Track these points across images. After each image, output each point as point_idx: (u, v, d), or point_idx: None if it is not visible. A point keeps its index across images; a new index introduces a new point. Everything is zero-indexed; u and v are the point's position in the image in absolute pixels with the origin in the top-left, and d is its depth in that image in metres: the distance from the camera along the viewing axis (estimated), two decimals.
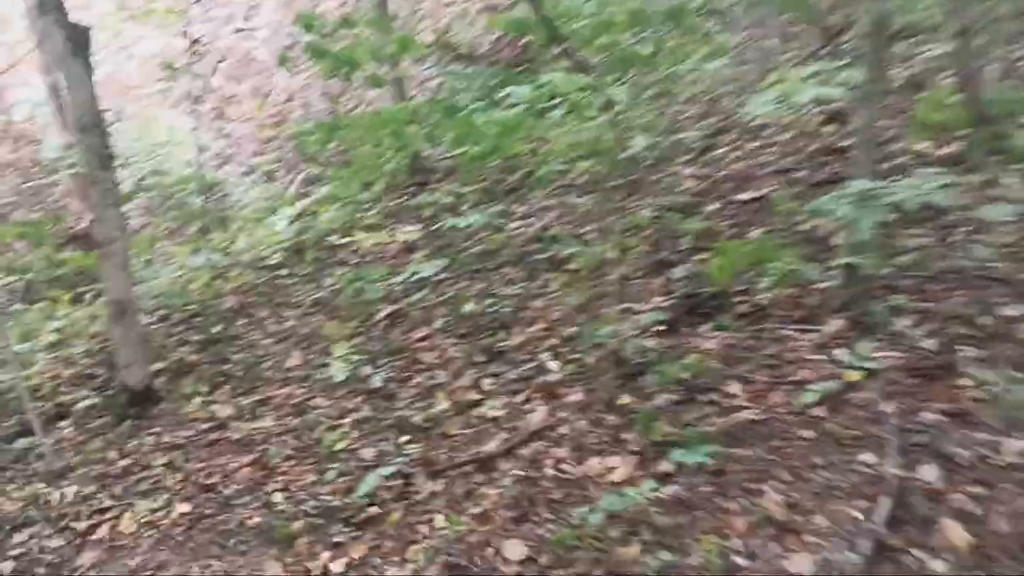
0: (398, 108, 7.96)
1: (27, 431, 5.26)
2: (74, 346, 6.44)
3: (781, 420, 3.35)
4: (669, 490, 3.08)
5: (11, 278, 6.94)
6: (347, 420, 4.43)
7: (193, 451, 4.66)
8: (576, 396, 3.88)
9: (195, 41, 7.21)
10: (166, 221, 8.17)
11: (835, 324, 3.83)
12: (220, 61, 11.47)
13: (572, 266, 5.17)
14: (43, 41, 4.87)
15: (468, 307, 5.14)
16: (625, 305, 4.47)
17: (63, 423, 5.39)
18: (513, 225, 6.16)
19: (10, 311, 7.29)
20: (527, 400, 4.00)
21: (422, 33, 9.13)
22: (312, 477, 4.03)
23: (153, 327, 6.17)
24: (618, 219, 5.25)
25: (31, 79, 10.09)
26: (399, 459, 3.81)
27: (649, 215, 5.40)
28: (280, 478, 4.12)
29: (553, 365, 4.20)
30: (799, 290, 4.19)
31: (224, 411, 4.98)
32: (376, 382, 4.65)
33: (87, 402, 5.42)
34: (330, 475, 3.95)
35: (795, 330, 3.91)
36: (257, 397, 5.03)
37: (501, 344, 4.61)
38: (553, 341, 4.45)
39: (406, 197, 7.29)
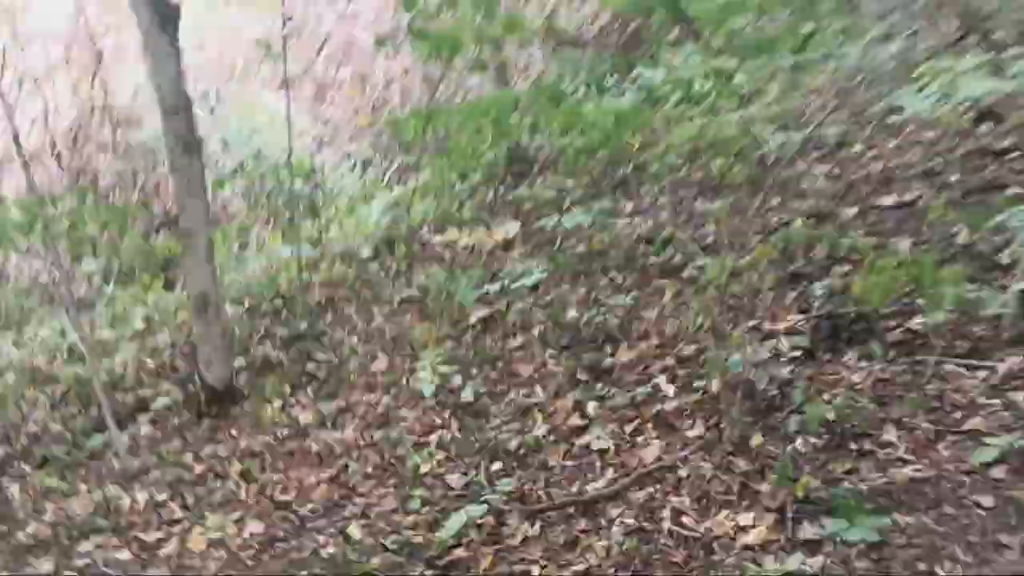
0: (500, 94, 7.53)
1: (106, 425, 5.05)
2: (160, 335, 6.23)
3: (952, 481, 2.77)
4: (816, 562, 2.54)
5: (97, 262, 6.78)
6: (434, 437, 4.02)
7: (270, 460, 4.33)
8: (697, 430, 3.37)
9: (288, 20, 6.89)
10: (260, 207, 7.94)
11: (1011, 361, 3.21)
12: (322, 44, 11.25)
13: (689, 273, 4.63)
14: (136, 18, 4.56)
15: (570, 314, 4.66)
16: (754, 322, 3.94)
17: (143, 417, 5.15)
18: (620, 223, 5.62)
19: (103, 294, 7.17)
20: (639, 431, 3.50)
21: (528, 15, 8.65)
22: (394, 503, 3.63)
23: (239, 319, 5.89)
24: (747, 222, 4.69)
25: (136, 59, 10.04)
26: (491, 493, 3.36)
27: (778, 219, 4.81)
28: (359, 500, 3.75)
29: (669, 390, 3.68)
30: (964, 316, 3.56)
31: (305, 416, 4.64)
32: (467, 395, 4.22)
33: (167, 398, 5.16)
34: (413, 503, 3.54)
35: (961, 366, 3.30)
36: (340, 403, 4.67)
37: (607, 360, 4.11)
38: (668, 361, 3.93)
39: (504, 189, 6.83)
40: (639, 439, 3.44)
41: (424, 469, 3.75)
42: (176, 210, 5.14)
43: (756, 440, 3.16)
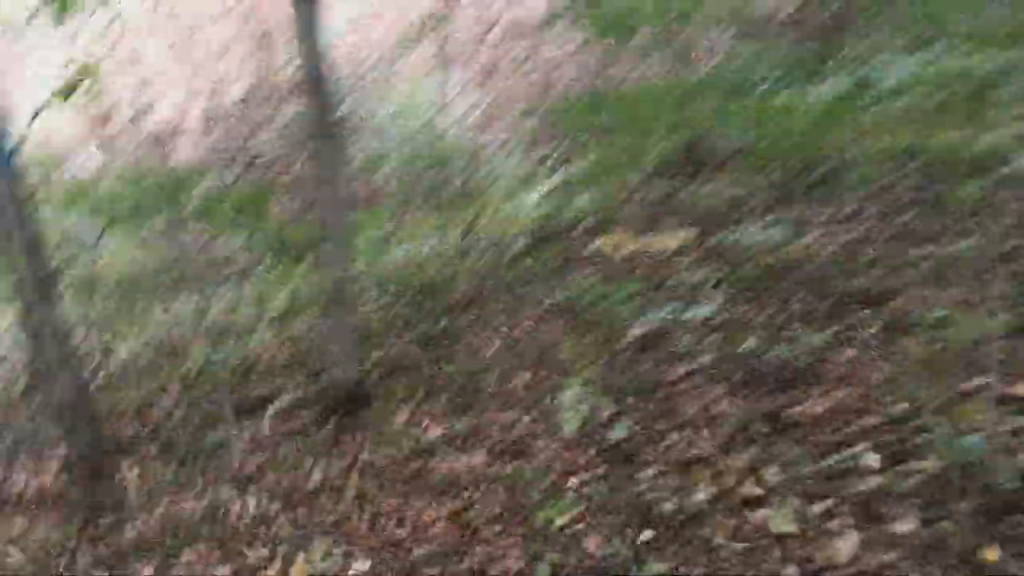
0: (678, 80, 6.81)
1: (227, 417, 4.77)
2: (298, 322, 5.94)
3: None
4: None
5: (244, 240, 6.55)
6: (574, 481, 3.41)
7: (389, 481, 3.86)
8: (909, 524, 2.60)
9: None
10: (412, 192, 7.56)
11: None
12: (492, 25, 10.80)
13: (897, 306, 3.82)
14: None
15: (747, 344, 3.93)
16: (985, 379, 3.10)
17: (266, 412, 4.83)
18: (812, 237, 4.81)
19: (250, 273, 6.97)
20: (831, 514, 2.76)
21: None
22: (520, 560, 3.06)
23: (373, 313, 5.49)
24: (975, 250, 3.82)
25: None
26: (637, 572, 2.74)
27: (1015, 249, 3.90)
28: (480, 549, 3.20)
29: (872, 462, 2.91)
30: None
31: (432, 432, 4.16)
32: (617, 433, 3.59)
33: (292, 394, 4.82)
34: (543, 567, 2.95)
35: None
36: (471, 421, 4.15)
37: (792, 410, 3.37)
38: (872, 420, 3.14)
39: (676, 187, 6.11)
40: (831, 525, 2.71)
41: (559, 522, 3.16)
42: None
43: (991, 553, 2.37)
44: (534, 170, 7.68)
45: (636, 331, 4.33)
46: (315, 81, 4.09)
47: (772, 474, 3.03)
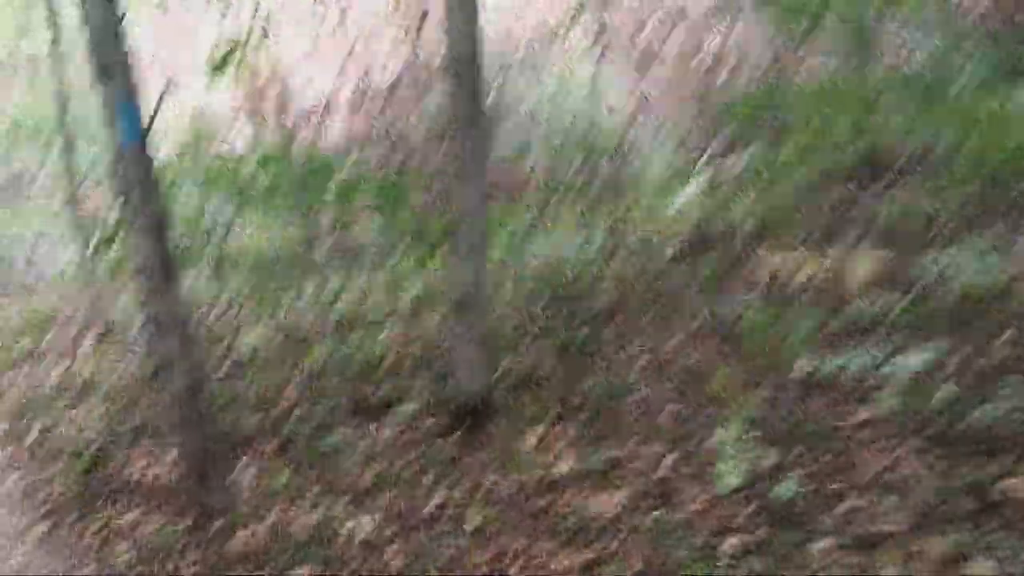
0: (859, 78, 6.11)
1: (346, 419, 4.49)
2: (428, 318, 5.63)
3: None
4: None
5: (377, 228, 6.30)
6: (730, 544, 2.91)
7: (514, 515, 3.46)
8: None
9: None
10: (557, 185, 7.14)
11: None
12: (655, 10, 10.22)
13: None
14: None
15: (941, 392, 3.32)
16: None
17: (388, 418, 4.52)
18: (1018, 267, 4.09)
19: (382, 262, 6.74)
20: None
21: None
22: None
23: (507, 316, 5.10)
24: None
25: None
26: None
27: None
28: None
29: None
30: None
31: (564, 463, 3.73)
32: (782, 491, 3.06)
33: (415, 402, 4.49)
34: None
35: None
36: (609, 453, 3.70)
37: (1003, 484, 2.75)
38: None
39: (854, 198, 5.43)
40: None
41: None
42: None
43: None
44: (690, 167, 7.11)
45: (805, 366, 3.77)
46: (463, 65, 3.73)
47: (980, 565, 2.45)
